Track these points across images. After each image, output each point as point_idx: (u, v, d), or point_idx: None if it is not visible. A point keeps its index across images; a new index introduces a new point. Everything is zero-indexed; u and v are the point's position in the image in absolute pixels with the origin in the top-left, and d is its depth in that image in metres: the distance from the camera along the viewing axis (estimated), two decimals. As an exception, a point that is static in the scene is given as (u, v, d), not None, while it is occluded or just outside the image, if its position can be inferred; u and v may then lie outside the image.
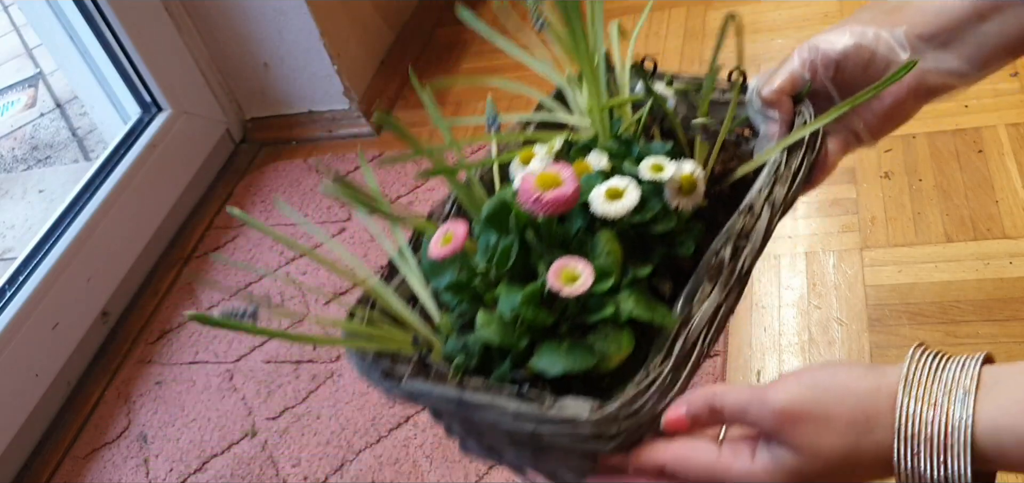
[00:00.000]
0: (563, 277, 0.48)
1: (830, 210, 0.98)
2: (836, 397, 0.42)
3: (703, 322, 0.50)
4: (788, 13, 1.29)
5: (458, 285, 0.53)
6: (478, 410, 0.48)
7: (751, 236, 0.53)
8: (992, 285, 0.84)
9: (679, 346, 0.49)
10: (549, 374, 0.47)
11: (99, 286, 1.18)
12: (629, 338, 0.49)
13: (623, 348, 0.49)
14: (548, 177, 0.50)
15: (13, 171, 1.91)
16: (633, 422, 0.46)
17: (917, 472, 0.39)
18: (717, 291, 0.51)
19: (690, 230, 0.55)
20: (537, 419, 0.46)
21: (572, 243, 0.53)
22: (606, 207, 0.52)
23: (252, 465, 0.93)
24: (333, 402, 0.97)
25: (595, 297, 0.50)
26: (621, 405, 0.45)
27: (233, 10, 1.33)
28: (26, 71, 2.27)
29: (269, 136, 1.47)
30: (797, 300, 0.90)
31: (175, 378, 1.08)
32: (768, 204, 0.55)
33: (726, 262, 0.52)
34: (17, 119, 2.12)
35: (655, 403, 0.46)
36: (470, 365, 0.51)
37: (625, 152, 0.59)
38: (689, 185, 0.54)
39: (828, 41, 0.59)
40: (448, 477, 0.85)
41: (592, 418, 0.45)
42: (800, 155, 0.57)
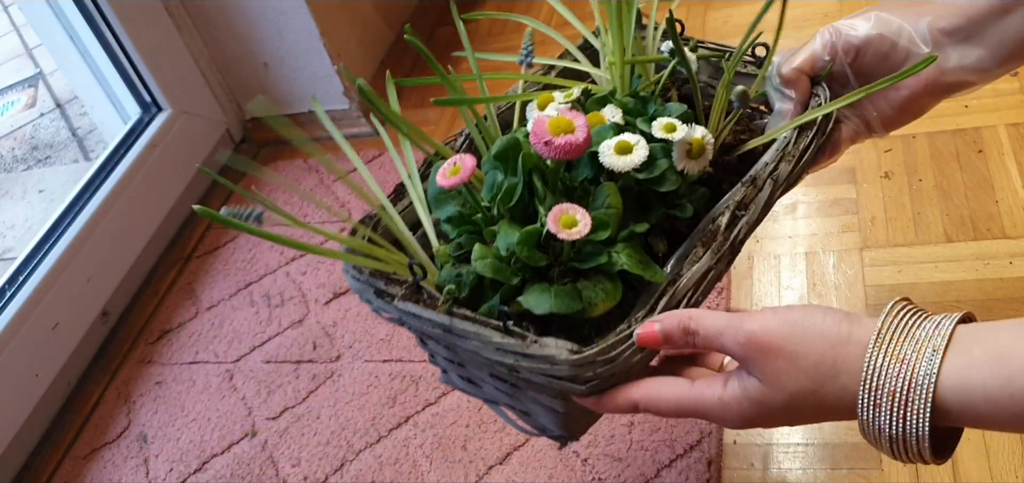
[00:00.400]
0: (562, 221, 0.49)
1: (830, 210, 0.98)
2: (808, 337, 0.43)
3: (690, 283, 0.51)
4: (788, 13, 1.29)
5: (460, 217, 0.54)
6: (463, 338, 0.50)
7: (750, 207, 0.54)
8: (992, 285, 0.84)
9: (663, 303, 0.50)
10: (535, 312, 0.49)
11: (99, 286, 1.18)
12: (617, 289, 0.51)
13: (610, 297, 0.50)
14: (561, 122, 0.50)
15: (13, 171, 1.91)
16: (608, 369, 0.47)
17: (877, 424, 0.40)
18: (708, 256, 0.52)
19: (692, 194, 0.56)
20: (517, 353, 0.48)
21: (576, 190, 0.54)
22: (614, 160, 0.52)
23: (252, 465, 0.93)
24: (333, 402, 0.97)
25: (590, 246, 0.51)
26: (599, 351, 0.47)
27: (233, 10, 1.33)
28: (26, 71, 2.27)
29: (269, 136, 1.47)
30: (797, 300, 0.90)
31: (175, 378, 1.08)
32: (771, 179, 0.55)
33: (722, 230, 0.53)
34: (17, 119, 2.12)
35: (631, 354, 0.48)
36: (461, 295, 0.52)
37: (641, 109, 0.60)
38: (698, 149, 0.55)
39: (851, 26, 0.59)
40: (448, 477, 0.85)
41: (569, 359, 0.46)
42: (810, 135, 0.57)
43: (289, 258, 1.20)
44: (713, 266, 0.52)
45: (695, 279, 0.51)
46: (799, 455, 0.77)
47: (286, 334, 1.08)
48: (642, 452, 0.81)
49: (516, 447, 0.85)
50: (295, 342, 1.06)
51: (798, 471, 0.76)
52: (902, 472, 0.73)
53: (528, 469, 0.83)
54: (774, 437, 0.79)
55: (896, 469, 0.74)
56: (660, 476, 0.78)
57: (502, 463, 0.84)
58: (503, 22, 1.55)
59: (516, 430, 0.86)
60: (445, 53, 1.53)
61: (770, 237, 0.97)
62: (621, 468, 0.80)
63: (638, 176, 0.54)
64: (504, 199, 0.53)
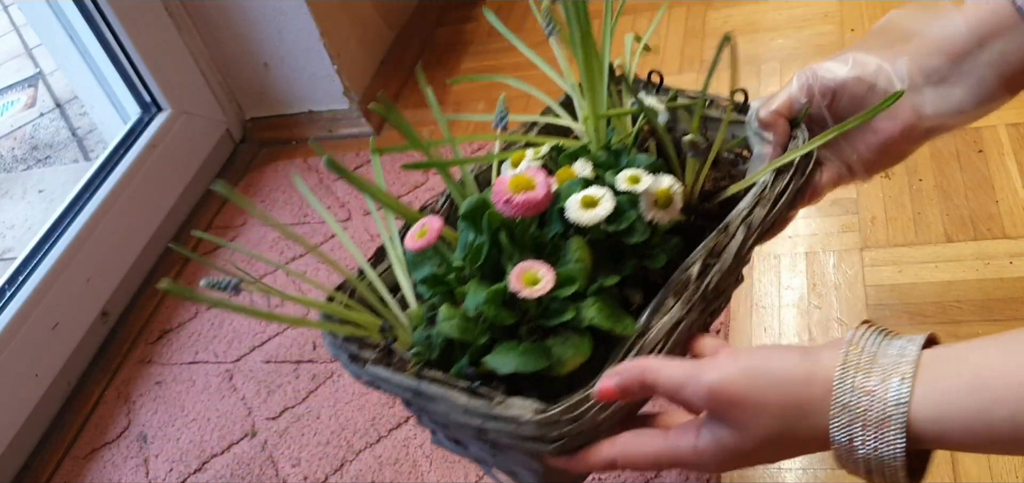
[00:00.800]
0: (524, 279, 0.49)
1: (830, 210, 0.98)
2: (769, 383, 0.43)
3: (660, 335, 0.51)
4: (788, 13, 1.29)
5: (433, 278, 0.55)
6: (431, 401, 0.49)
7: (722, 255, 0.54)
8: (992, 285, 0.84)
9: (632, 357, 0.49)
10: (500, 372, 0.48)
11: (99, 286, 1.18)
12: (588, 344, 0.50)
13: (579, 353, 0.50)
14: (521, 180, 0.51)
15: (13, 171, 1.91)
16: (575, 427, 0.46)
17: (853, 456, 0.41)
18: (678, 307, 0.52)
19: (665, 244, 0.56)
20: (484, 415, 0.47)
21: (546, 247, 0.54)
22: (580, 214, 0.53)
23: (252, 465, 0.93)
24: (333, 402, 0.96)
25: (557, 302, 0.51)
26: (564, 409, 0.46)
27: (233, 10, 1.33)
28: (26, 71, 2.27)
29: (269, 136, 1.47)
30: (797, 300, 0.90)
31: (175, 378, 1.08)
32: (744, 225, 0.55)
33: (693, 279, 0.53)
34: (17, 119, 2.12)
35: (597, 411, 0.47)
36: (432, 357, 0.52)
37: (613, 162, 0.60)
38: (665, 199, 0.55)
39: (827, 69, 0.58)
40: (448, 477, 0.85)
41: (533, 419, 0.46)
42: (786, 178, 0.57)
43: (289, 258, 1.20)
44: (684, 316, 0.52)
45: (665, 330, 0.51)
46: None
47: (286, 334, 1.08)
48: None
49: (516, 447, 0.85)
50: (295, 342, 1.06)
51: (798, 471, 0.76)
52: (902, 472, 0.73)
53: (528, 469, 0.83)
54: (774, 437, 0.79)
55: (896, 469, 0.74)
56: (660, 476, 0.78)
57: (502, 463, 0.84)
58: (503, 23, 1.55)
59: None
60: (445, 54, 1.53)
61: (770, 237, 0.97)
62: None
63: (607, 229, 0.54)
64: (472, 258, 0.53)
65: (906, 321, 0.84)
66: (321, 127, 1.43)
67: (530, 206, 0.50)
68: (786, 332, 0.87)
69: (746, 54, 1.25)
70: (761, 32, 1.27)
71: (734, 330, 0.89)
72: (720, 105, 0.66)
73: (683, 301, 0.52)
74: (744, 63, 1.23)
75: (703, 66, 1.25)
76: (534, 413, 0.46)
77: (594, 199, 0.54)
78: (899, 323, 0.84)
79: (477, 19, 1.59)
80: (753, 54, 1.24)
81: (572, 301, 0.51)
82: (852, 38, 1.20)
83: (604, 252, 0.55)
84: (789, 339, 0.86)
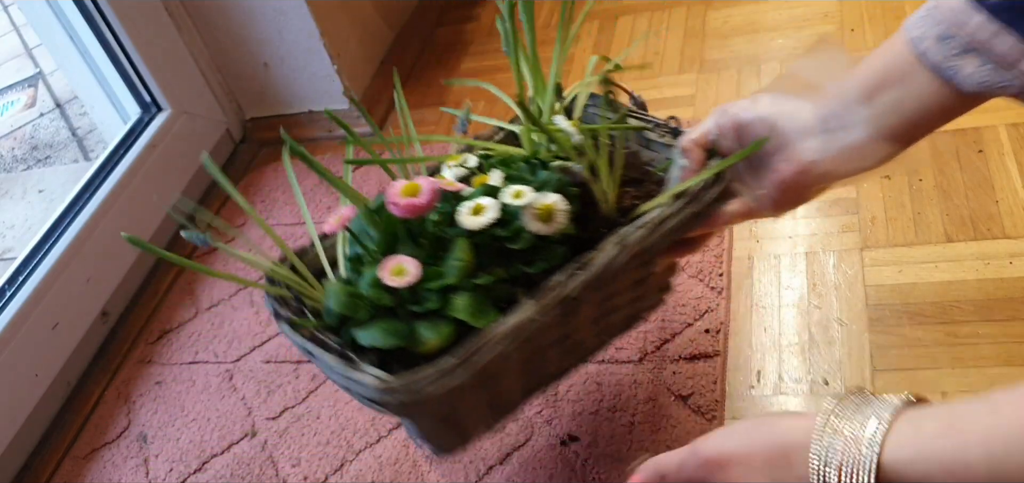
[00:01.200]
0: (392, 270, 0.58)
1: (830, 210, 0.98)
2: (757, 439, 0.46)
3: (506, 331, 0.57)
4: (788, 13, 1.29)
5: (355, 258, 0.64)
6: (316, 359, 0.59)
7: (588, 267, 0.60)
8: (992, 285, 0.84)
9: (473, 345, 0.57)
10: (361, 343, 0.58)
11: (99, 286, 1.18)
12: (450, 330, 0.58)
13: (440, 337, 0.57)
14: (410, 187, 0.60)
15: (13, 171, 1.91)
16: (411, 396, 0.55)
17: None
18: (529, 306, 0.58)
19: (549, 251, 0.63)
20: (343, 376, 0.56)
21: (445, 242, 0.63)
22: (466, 219, 0.61)
23: (252, 465, 0.93)
24: (333, 402, 0.97)
25: (427, 292, 0.59)
26: (403, 381, 0.54)
27: (233, 10, 1.33)
28: (26, 71, 2.27)
29: (269, 136, 1.47)
30: (797, 300, 0.90)
31: (175, 378, 1.08)
32: (617, 244, 0.61)
33: (551, 284, 0.59)
34: (17, 119, 2.12)
35: (431, 384, 0.55)
36: (328, 324, 0.61)
37: (529, 175, 0.67)
38: (546, 214, 0.62)
39: (739, 108, 0.62)
40: (448, 477, 0.85)
41: (375, 385, 0.54)
42: (682, 204, 0.63)
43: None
44: (534, 317, 0.58)
45: (511, 327, 0.57)
46: (799, 455, 0.77)
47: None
48: (642, 452, 0.81)
49: (516, 447, 0.85)
50: (295, 342, 1.06)
51: None
52: (902, 472, 0.73)
53: (528, 469, 0.83)
54: (774, 437, 0.79)
55: (896, 469, 0.74)
56: None
57: (502, 463, 0.84)
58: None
59: (515, 431, 0.86)
60: (445, 54, 1.53)
61: (770, 237, 0.97)
62: (621, 468, 0.80)
63: (494, 233, 0.61)
64: (379, 246, 0.62)
65: (906, 321, 0.84)
66: (321, 127, 1.43)
67: (413, 209, 0.59)
68: (786, 332, 0.87)
69: (746, 54, 1.25)
70: (761, 32, 1.27)
71: (734, 330, 0.89)
72: (661, 130, 0.73)
73: (535, 302, 0.58)
74: (744, 63, 1.23)
75: (703, 66, 1.25)
76: (376, 381, 0.55)
77: (481, 208, 0.62)
78: (899, 323, 0.84)
79: (477, 19, 1.59)
80: (753, 54, 1.24)
81: (447, 292, 0.59)
82: (852, 38, 1.20)
83: (493, 253, 0.62)
84: (789, 339, 0.86)
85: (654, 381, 0.86)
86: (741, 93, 1.18)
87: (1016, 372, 0.77)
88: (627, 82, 1.29)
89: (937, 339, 0.82)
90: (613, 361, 0.89)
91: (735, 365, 0.86)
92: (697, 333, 0.89)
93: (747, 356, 0.87)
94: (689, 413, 0.82)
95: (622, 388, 0.87)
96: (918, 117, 0.54)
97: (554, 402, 0.88)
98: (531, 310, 0.58)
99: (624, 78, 1.35)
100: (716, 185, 0.63)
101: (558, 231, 0.62)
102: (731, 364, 0.86)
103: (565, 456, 0.83)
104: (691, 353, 0.87)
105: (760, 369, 0.85)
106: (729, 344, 0.88)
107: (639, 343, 0.90)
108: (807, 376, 0.83)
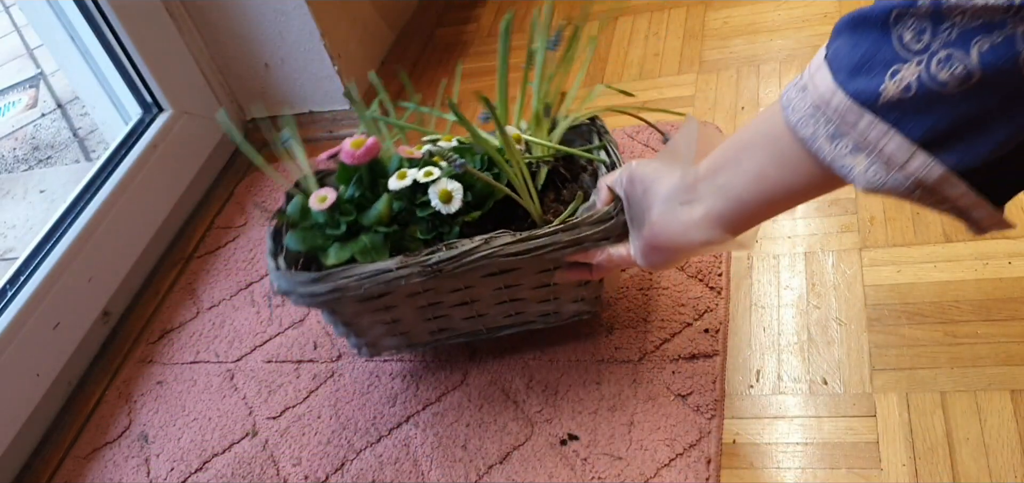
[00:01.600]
0: (318, 198, 0.80)
1: (829, 210, 0.98)
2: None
3: (362, 272, 0.77)
4: (788, 13, 1.29)
5: (337, 201, 0.82)
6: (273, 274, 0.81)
7: (453, 248, 0.76)
8: (991, 285, 0.85)
9: (337, 273, 0.77)
10: (286, 244, 0.84)
11: (100, 286, 1.18)
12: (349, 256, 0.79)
13: (338, 259, 0.79)
14: (357, 142, 0.81)
15: (14, 171, 1.92)
16: (287, 287, 0.79)
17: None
18: (394, 262, 0.76)
19: (446, 226, 0.80)
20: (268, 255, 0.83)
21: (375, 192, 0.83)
22: (393, 183, 0.80)
23: (253, 464, 0.94)
24: (334, 401, 0.97)
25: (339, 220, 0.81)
26: (283, 275, 0.80)
27: (234, 11, 1.33)
28: (27, 71, 2.27)
29: (270, 136, 1.47)
30: (796, 300, 0.90)
31: (176, 378, 1.08)
32: (485, 240, 0.76)
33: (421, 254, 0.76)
34: (18, 119, 2.12)
35: (303, 286, 0.78)
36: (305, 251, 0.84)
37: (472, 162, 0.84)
38: (445, 196, 0.78)
39: (636, 165, 0.69)
40: (448, 476, 0.85)
41: (272, 268, 0.81)
42: (558, 232, 0.75)
43: (290, 258, 1.20)
44: (393, 270, 0.76)
45: (373, 270, 0.76)
46: (798, 454, 0.77)
47: (287, 334, 1.08)
48: (641, 451, 0.81)
49: (516, 446, 0.85)
50: (296, 342, 1.06)
51: (797, 470, 0.76)
52: (901, 472, 0.74)
53: (528, 468, 0.83)
54: (773, 437, 0.79)
55: (896, 468, 0.74)
56: (659, 475, 0.78)
57: (502, 462, 0.84)
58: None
59: (515, 429, 0.87)
60: (445, 54, 1.53)
61: (769, 237, 0.98)
62: (621, 467, 0.80)
63: (415, 199, 0.81)
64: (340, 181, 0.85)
65: (905, 321, 0.84)
66: (321, 127, 1.44)
67: (352, 157, 0.80)
68: (785, 331, 0.87)
69: (746, 55, 1.25)
70: (761, 33, 1.28)
71: (733, 330, 0.89)
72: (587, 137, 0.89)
73: (399, 261, 0.76)
74: (743, 63, 1.23)
75: (702, 67, 1.25)
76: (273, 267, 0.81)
77: (404, 175, 0.80)
78: (898, 323, 0.84)
79: (477, 20, 1.59)
80: (752, 55, 1.24)
81: (360, 228, 0.80)
82: (851, 39, 1.20)
83: (413, 211, 0.81)
84: (788, 338, 0.87)
85: (653, 380, 0.86)
86: (740, 93, 1.18)
87: (1015, 372, 0.77)
88: (626, 83, 1.29)
89: (936, 339, 0.82)
90: (613, 361, 0.90)
91: (734, 365, 0.86)
92: (696, 333, 0.89)
93: (746, 356, 0.87)
94: (688, 412, 0.82)
95: (621, 387, 0.87)
96: (779, 198, 0.54)
97: (554, 401, 0.88)
98: (392, 263, 0.76)
99: (624, 78, 1.35)
100: (599, 225, 0.74)
101: (455, 210, 0.78)
102: (730, 364, 0.87)
103: (565, 455, 0.83)
104: (690, 353, 0.88)
105: (759, 368, 0.85)
106: (728, 344, 0.88)
107: (638, 342, 0.90)
108: (806, 376, 0.83)
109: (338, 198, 0.80)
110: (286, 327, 1.09)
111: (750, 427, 0.81)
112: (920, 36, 0.40)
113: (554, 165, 0.89)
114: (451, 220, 0.80)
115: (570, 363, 0.91)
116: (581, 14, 0.89)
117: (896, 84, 0.42)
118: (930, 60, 0.40)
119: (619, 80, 1.30)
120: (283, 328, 1.09)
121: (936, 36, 0.40)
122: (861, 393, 0.80)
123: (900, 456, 0.75)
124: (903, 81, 0.41)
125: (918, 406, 0.77)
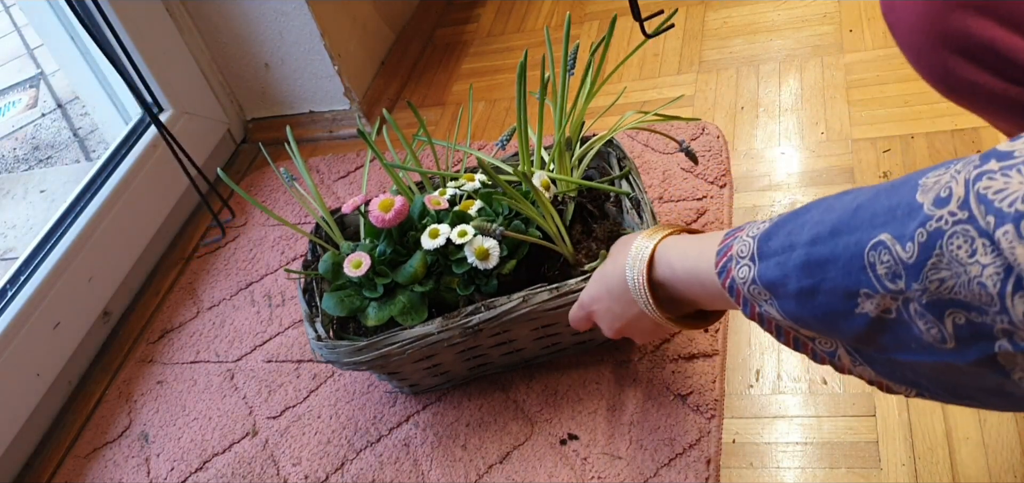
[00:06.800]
0: (352, 264, 0.82)
1: (829, 210, 0.98)
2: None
3: (411, 338, 0.78)
4: (787, 14, 1.30)
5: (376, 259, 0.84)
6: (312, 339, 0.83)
7: (492, 307, 0.78)
8: (990, 285, 0.85)
9: (383, 340, 0.79)
10: (323, 307, 0.84)
11: (100, 286, 1.19)
12: (389, 316, 0.81)
13: (379, 319, 0.81)
14: (385, 203, 0.82)
15: (15, 171, 1.92)
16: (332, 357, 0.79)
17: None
18: (437, 323, 0.78)
19: (483, 280, 0.81)
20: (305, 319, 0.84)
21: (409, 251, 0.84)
22: (424, 240, 0.81)
23: (253, 464, 0.94)
24: (334, 401, 0.97)
25: (394, 286, 0.83)
26: (326, 344, 0.80)
27: (234, 11, 1.33)
28: (27, 71, 2.27)
29: (270, 136, 1.47)
30: (796, 300, 0.90)
31: (176, 377, 1.08)
32: (524, 298, 0.78)
33: (464, 313, 0.78)
34: (19, 119, 2.12)
35: (347, 356, 0.79)
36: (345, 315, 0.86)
37: (500, 210, 0.86)
38: (482, 254, 0.79)
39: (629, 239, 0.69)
40: (448, 476, 0.85)
41: (312, 337, 0.82)
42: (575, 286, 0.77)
43: (290, 258, 1.20)
44: (435, 334, 0.78)
45: (413, 335, 0.78)
46: (798, 454, 0.77)
47: (287, 333, 1.08)
48: (641, 451, 0.81)
49: (516, 446, 0.86)
50: (296, 341, 1.06)
51: (797, 470, 0.76)
52: (901, 472, 0.74)
53: (528, 468, 0.83)
54: (773, 436, 0.80)
55: (895, 468, 0.74)
56: (659, 475, 0.78)
57: (502, 462, 0.85)
58: (503, 23, 1.55)
59: (515, 430, 0.87)
60: (445, 54, 1.53)
61: (769, 237, 0.98)
62: (621, 467, 0.80)
63: (452, 255, 0.81)
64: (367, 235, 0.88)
65: (905, 320, 0.84)
66: (322, 127, 1.44)
67: (384, 222, 0.81)
68: (785, 331, 0.87)
69: (745, 55, 1.25)
70: (760, 33, 1.28)
71: (733, 330, 0.89)
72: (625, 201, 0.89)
73: (442, 321, 0.78)
74: (743, 63, 1.23)
75: (702, 67, 1.25)
76: (312, 335, 0.82)
77: (436, 232, 0.81)
78: (898, 322, 0.84)
79: (477, 20, 1.59)
80: (752, 55, 1.24)
81: (397, 288, 0.82)
82: (852, 37, 1.20)
83: (446, 264, 0.82)
84: (788, 338, 0.87)
85: (653, 380, 0.86)
86: (739, 93, 1.18)
87: (1014, 371, 0.77)
88: (626, 83, 1.29)
89: (935, 338, 0.82)
90: (612, 361, 0.90)
91: (734, 364, 0.87)
92: (696, 332, 0.89)
93: (746, 355, 0.87)
94: (688, 412, 0.83)
95: (621, 387, 0.87)
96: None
97: (554, 401, 0.88)
98: (433, 326, 0.78)
99: (624, 78, 1.35)
100: None
101: (493, 267, 0.80)
102: (730, 363, 0.87)
103: (565, 455, 0.83)
104: (690, 352, 0.88)
105: (759, 368, 0.85)
106: (728, 343, 0.88)
107: (638, 342, 0.90)
108: (805, 375, 0.83)
109: (372, 261, 0.82)
110: (286, 327, 1.09)
111: (750, 427, 0.81)
112: None
113: (580, 200, 0.90)
114: (488, 274, 0.81)
115: (570, 363, 0.91)
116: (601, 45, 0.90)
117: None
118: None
119: (619, 80, 1.30)
120: (283, 328, 1.09)
121: None
122: (861, 392, 0.80)
123: (900, 456, 0.75)
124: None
125: (918, 406, 0.77)
